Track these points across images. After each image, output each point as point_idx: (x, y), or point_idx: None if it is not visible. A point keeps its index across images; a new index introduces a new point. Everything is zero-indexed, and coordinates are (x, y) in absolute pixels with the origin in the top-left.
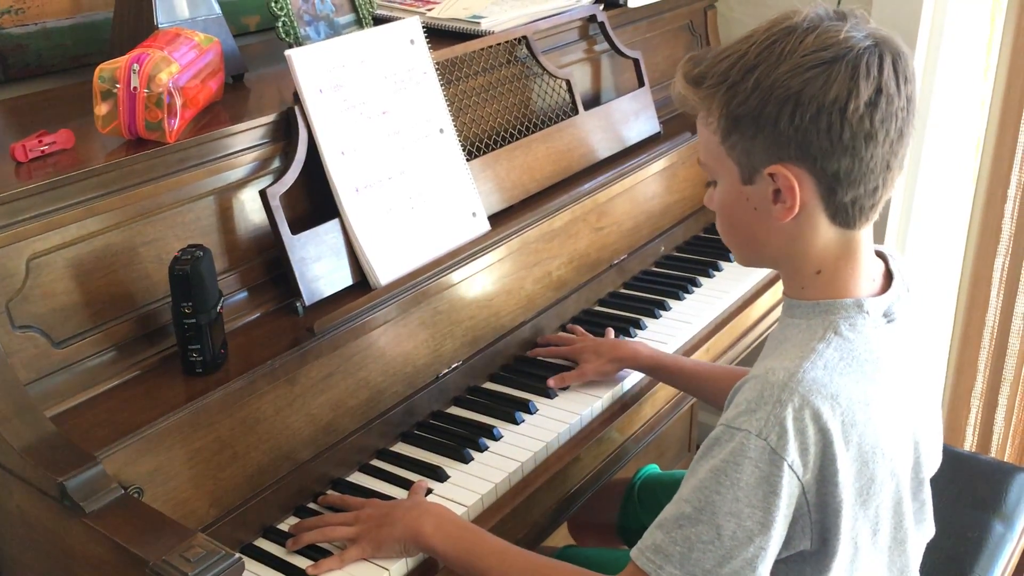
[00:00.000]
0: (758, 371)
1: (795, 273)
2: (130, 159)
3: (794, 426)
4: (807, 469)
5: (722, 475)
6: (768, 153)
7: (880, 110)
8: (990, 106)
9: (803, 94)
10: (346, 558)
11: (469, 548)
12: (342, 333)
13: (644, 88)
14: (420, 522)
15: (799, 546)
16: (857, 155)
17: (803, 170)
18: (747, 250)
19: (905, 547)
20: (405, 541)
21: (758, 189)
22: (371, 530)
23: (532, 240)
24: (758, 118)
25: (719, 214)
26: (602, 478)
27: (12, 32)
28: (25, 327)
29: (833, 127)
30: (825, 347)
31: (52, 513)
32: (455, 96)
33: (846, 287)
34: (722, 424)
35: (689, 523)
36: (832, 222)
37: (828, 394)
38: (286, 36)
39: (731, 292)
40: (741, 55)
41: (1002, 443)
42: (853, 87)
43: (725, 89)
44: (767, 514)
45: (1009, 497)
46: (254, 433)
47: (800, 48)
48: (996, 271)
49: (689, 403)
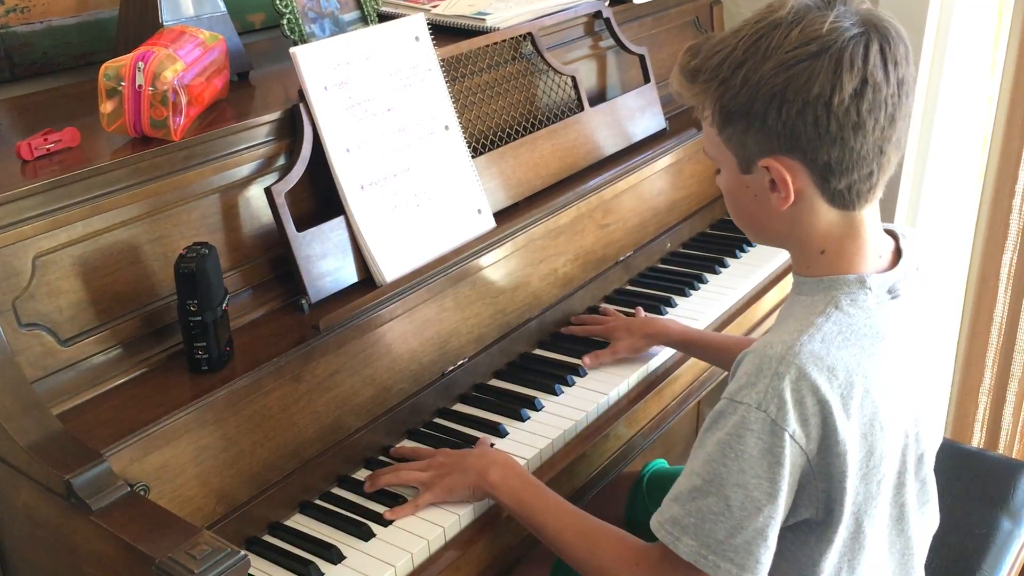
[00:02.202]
0: (757, 345)
1: (801, 253)
2: (135, 157)
3: (792, 397)
4: (809, 439)
5: (727, 448)
6: (760, 146)
7: (867, 100)
8: (997, 102)
9: (788, 90)
10: (420, 503)
11: (530, 503)
12: (348, 330)
13: (650, 84)
14: (488, 471)
15: (805, 514)
16: (847, 145)
17: (795, 161)
18: (754, 231)
19: (905, 528)
20: (475, 488)
21: (755, 179)
22: (443, 477)
23: (538, 237)
24: (748, 113)
25: (726, 198)
26: (610, 473)
27: (18, 30)
28: (31, 325)
29: (820, 121)
30: (824, 320)
31: (58, 510)
32: (460, 93)
33: (850, 264)
34: (725, 398)
35: (700, 495)
36: (831, 205)
37: (825, 366)
38: (291, 33)
39: (737, 288)
40: (731, 50)
41: (1010, 439)
42: (836, 81)
43: (717, 84)
44: (773, 484)
45: (1017, 493)
46: (260, 430)
47: (785, 43)
48: (1004, 267)
49: (694, 401)
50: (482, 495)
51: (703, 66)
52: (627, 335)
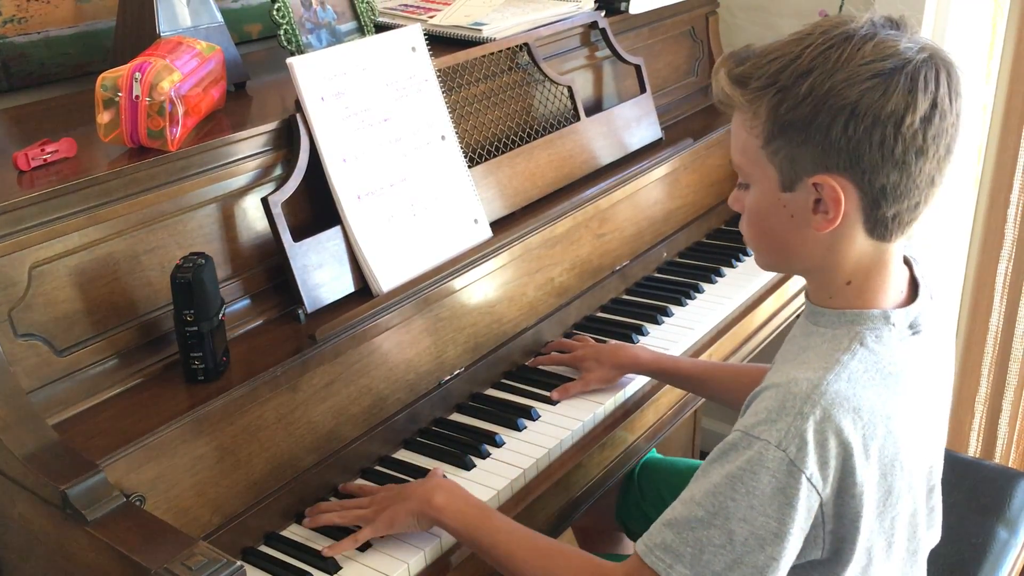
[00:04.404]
0: (779, 379)
1: (825, 282)
2: (132, 167)
3: (815, 439)
4: (826, 483)
5: (738, 482)
6: (815, 162)
7: (934, 125)
8: (992, 111)
9: (860, 104)
10: (360, 537)
11: (478, 524)
12: (344, 340)
13: (646, 94)
14: (432, 495)
15: (810, 555)
16: (907, 170)
17: (850, 182)
18: (776, 257)
19: (917, 556)
20: (418, 515)
21: (797, 197)
22: (385, 508)
23: (534, 246)
24: (809, 125)
25: (749, 218)
26: (606, 483)
27: (15, 41)
28: (27, 335)
29: (887, 140)
30: (850, 358)
31: (54, 521)
32: (457, 103)
33: (874, 298)
34: (739, 430)
35: (701, 526)
36: (869, 235)
37: (851, 407)
38: (288, 44)
39: (734, 297)
40: (794, 58)
41: (1006, 449)
42: (911, 101)
43: (774, 92)
44: (781, 525)
45: (1013, 503)
46: (256, 440)
47: (858, 56)
48: (999, 276)
49: (692, 409)
50: (428, 523)
51: (756, 72)
52: (596, 365)
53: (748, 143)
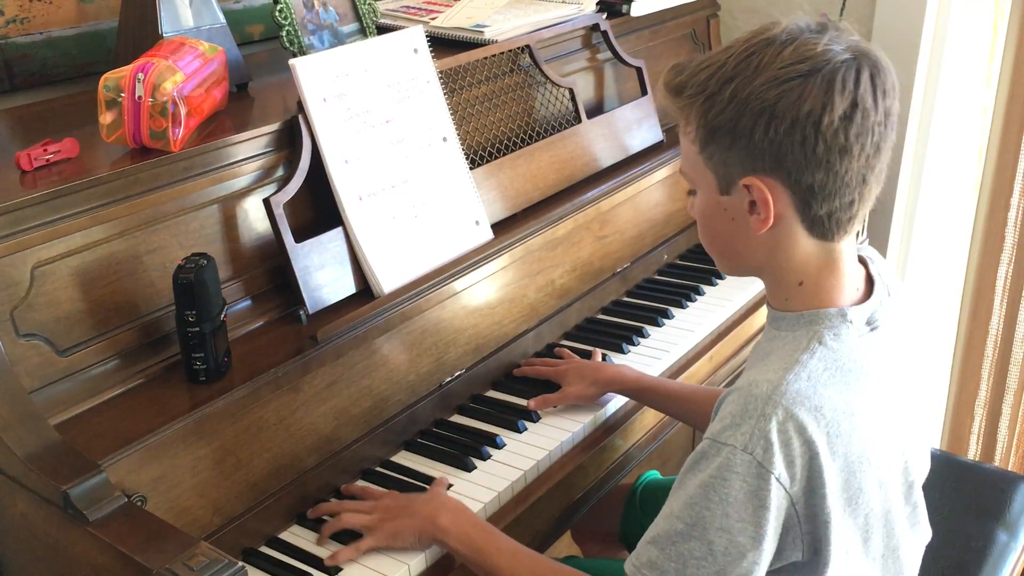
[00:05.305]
0: (741, 383)
1: (778, 284)
2: (134, 168)
3: (779, 439)
4: (794, 481)
5: (711, 491)
6: (743, 164)
7: (855, 124)
8: (992, 114)
9: (778, 107)
10: (362, 547)
11: (481, 547)
12: (345, 341)
13: (647, 96)
14: (438, 515)
15: (791, 557)
16: (832, 169)
17: (777, 182)
18: (729, 260)
19: (899, 554)
20: (421, 533)
21: (735, 200)
22: (389, 520)
23: (535, 248)
24: (734, 129)
25: (700, 223)
26: (606, 486)
27: (18, 41)
28: (30, 335)
29: (807, 140)
30: (809, 358)
31: (55, 521)
32: (458, 105)
33: (830, 297)
34: (708, 438)
35: (682, 539)
36: (810, 234)
37: (812, 406)
38: (290, 45)
39: (734, 300)
40: (720, 66)
41: (1006, 452)
42: (828, 101)
43: (703, 100)
44: (758, 528)
45: (1013, 506)
46: (257, 441)
47: (777, 60)
48: (999, 280)
49: None
50: (429, 541)
51: (689, 81)
52: (578, 380)
53: (688, 150)
